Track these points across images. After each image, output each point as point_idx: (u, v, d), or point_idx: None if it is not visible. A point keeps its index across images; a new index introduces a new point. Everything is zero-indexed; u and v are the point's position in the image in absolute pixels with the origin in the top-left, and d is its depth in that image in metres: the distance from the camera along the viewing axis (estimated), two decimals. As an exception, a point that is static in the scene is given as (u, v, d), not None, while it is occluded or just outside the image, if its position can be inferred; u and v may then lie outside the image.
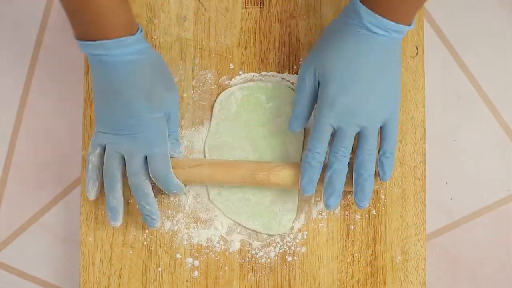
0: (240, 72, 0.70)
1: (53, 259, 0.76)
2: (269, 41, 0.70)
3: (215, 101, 0.69)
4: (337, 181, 0.63)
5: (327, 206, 0.63)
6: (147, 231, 0.68)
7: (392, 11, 0.59)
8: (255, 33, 0.70)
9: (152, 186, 0.65)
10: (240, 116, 0.69)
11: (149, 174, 0.64)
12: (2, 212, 0.76)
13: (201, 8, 0.70)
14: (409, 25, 0.61)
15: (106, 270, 0.68)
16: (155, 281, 0.68)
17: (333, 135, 0.63)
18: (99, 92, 0.64)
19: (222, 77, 0.70)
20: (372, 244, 0.68)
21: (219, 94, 0.69)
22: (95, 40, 0.60)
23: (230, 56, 0.70)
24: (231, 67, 0.70)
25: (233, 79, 0.69)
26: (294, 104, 0.65)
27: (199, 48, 0.70)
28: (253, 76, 0.69)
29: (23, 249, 0.76)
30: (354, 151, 0.63)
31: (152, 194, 0.65)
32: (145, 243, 0.68)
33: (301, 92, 0.64)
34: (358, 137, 0.63)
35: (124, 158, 0.64)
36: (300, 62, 0.69)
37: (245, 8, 0.70)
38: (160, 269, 0.68)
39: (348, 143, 0.62)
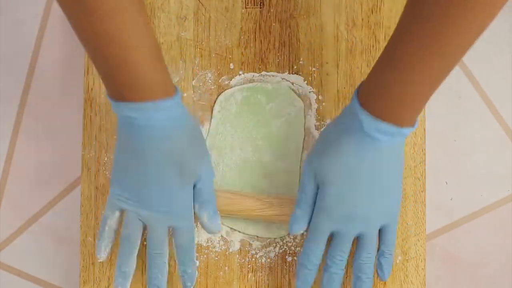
0: (240, 72, 0.70)
1: (53, 259, 0.76)
2: (269, 41, 0.70)
3: (215, 101, 0.69)
4: (334, 283, 0.62)
5: None
6: (147, 231, 0.68)
7: (394, 114, 0.55)
8: (255, 33, 0.70)
9: None
10: (240, 117, 0.69)
11: (168, 244, 0.62)
12: (2, 212, 0.76)
13: (201, 8, 0.70)
14: (412, 126, 0.57)
15: (106, 270, 0.68)
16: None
17: (331, 238, 0.62)
18: (124, 154, 0.60)
19: (222, 77, 0.70)
20: (372, 244, 0.68)
21: (219, 94, 0.69)
22: (129, 101, 0.56)
23: (230, 56, 0.70)
24: (231, 67, 0.70)
25: (233, 79, 0.69)
26: (296, 204, 0.62)
27: (199, 48, 0.70)
28: (253, 76, 0.69)
29: (23, 249, 0.76)
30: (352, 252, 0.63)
31: (167, 264, 0.63)
32: (145, 243, 0.68)
33: (303, 194, 0.61)
34: (357, 241, 0.62)
35: (145, 225, 0.62)
36: (300, 62, 0.69)
37: (245, 8, 0.70)
38: (160, 269, 0.68)
39: (346, 248, 0.61)
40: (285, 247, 0.68)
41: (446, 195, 0.74)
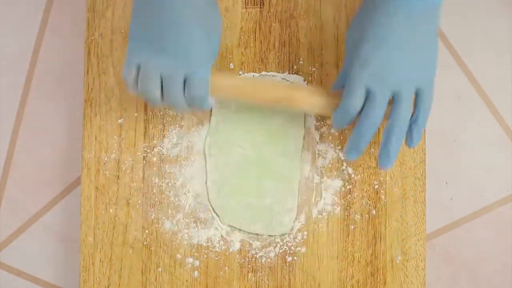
0: (240, 72, 0.70)
1: (53, 259, 0.76)
2: (269, 41, 0.70)
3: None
4: (361, 140, 0.61)
5: (346, 156, 0.62)
6: (147, 231, 0.68)
7: None
8: (255, 33, 0.70)
9: None
10: (240, 114, 0.69)
11: (184, 94, 0.62)
12: (2, 212, 0.76)
13: (201, 8, 0.70)
14: None
15: (106, 270, 0.68)
16: (155, 281, 0.68)
17: (365, 101, 0.60)
18: (145, 4, 0.61)
19: (222, 77, 0.70)
20: (372, 244, 0.68)
21: (219, 94, 0.69)
22: None
23: (230, 56, 0.70)
24: (231, 67, 0.70)
25: (233, 79, 0.69)
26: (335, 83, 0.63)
27: (199, 48, 0.70)
28: (253, 76, 0.69)
29: (23, 249, 0.76)
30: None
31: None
32: (145, 243, 0.68)
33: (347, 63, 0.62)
34: (392, 103, 0.61)
35: (161, 78, 0.61)
36: (300, 62, 0.69)
37: (245, 8, 0.70)
38: (160, 269, 0.68)
39: (380, 105, 0.60)
40: (285, 247, 0.68)
41: (446, 195, 0.75)
